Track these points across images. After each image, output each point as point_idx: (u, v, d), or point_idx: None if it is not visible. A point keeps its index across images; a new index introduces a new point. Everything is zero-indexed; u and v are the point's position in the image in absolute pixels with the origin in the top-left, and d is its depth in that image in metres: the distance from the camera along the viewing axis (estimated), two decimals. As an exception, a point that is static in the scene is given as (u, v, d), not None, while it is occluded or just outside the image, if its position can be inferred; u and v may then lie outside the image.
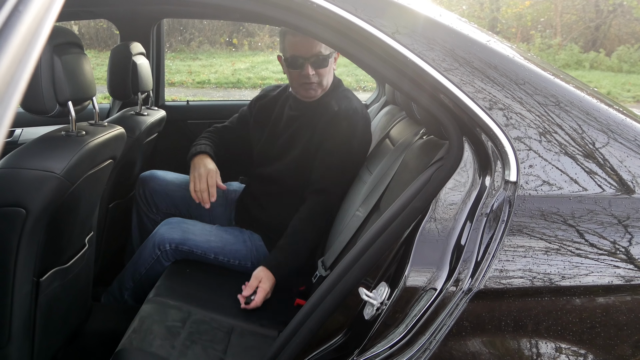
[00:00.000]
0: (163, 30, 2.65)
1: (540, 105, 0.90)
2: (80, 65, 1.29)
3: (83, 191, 1.34)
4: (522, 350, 0.83)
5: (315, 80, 1.77)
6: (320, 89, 1.81)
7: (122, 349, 1.26)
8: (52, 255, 1.33)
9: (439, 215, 0.90)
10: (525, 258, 0.83)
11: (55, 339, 1.47)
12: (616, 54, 11.12)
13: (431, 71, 0.91)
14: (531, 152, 0.88)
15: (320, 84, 1.79)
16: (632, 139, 0.90)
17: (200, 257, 1.75)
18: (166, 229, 1.77)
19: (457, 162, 0.94)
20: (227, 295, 1.61)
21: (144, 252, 1.78)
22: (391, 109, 2.12)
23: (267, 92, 2.07)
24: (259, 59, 10.66)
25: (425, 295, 0.85)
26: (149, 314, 1.40)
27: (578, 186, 0.87)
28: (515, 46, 1.15)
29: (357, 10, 0.92)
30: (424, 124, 1.35)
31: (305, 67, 1.74)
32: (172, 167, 2.47)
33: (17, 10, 0.47)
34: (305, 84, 1.78)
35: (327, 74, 1.79)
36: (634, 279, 0.83)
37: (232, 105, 2.94)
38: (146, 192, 2.05)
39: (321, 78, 1.78)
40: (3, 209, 1.16)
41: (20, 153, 1.20)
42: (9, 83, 0.45)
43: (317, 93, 1.81)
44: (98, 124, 1.43)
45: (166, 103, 2.74)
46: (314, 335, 1.01)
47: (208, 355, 1.30)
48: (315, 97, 1.82)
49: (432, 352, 0.82)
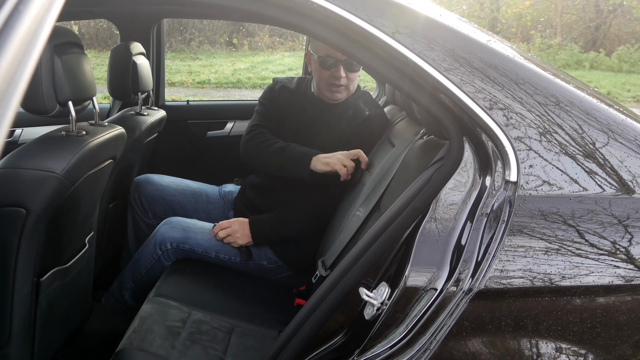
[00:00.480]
0: (163, 30, 2.65)
1: (540, 105, 0.90)
2: (80, 65, 1.29)
3: (83, 191, 1.34)
4: (523, 351, 0.83)
5: (344, 83, 1.79)
6: (346, 92, 1.84)
7: (122, 349, 1.26)
8: (53, 255, 1.33)
9: (439, 215, 0.90)
10: (526, 258, 0.83)
11: (55, 339, 1.47)
12: (616, 54, 11.12)
13: (431, 71, 0.91)
14: (531, 152, 0.88)
15: (347, 87, 1.82)
16: (632, 139, 0.90)
17: (202, 255, 1.75)
18: (167, 228, 1.77)
19: (457, 162, 0.94)
20: (227, 296, 1.61)
21: (145, 252, 1.78)
22: (391, 109, 2.12)
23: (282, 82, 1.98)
24: (259, 59, 10.66)
25: (425, 295, 0.85)
26: (149, 314, 1.40)
27: (578, 186, 0.87)
28: (515, 46, 1.15)
29: (357, 10, 0.92)
30: (424, 124, 1.35)
31: (337, 68, 1.76)
32: (172, 167, 2.48)
33: (17, 10, 0.47)
34: (333, 85, 1.80)
35: (355, 79, 1.82)
36: (634, 279, 0.83)
37: (232, 105, 2.95)
38: (141, 197, 2.04)
39: (349, 82, 1.81)
40: (3, 209, 1.16)
41: (20, 153, 1.20)
42: (9, 83, 0.45)
43: (342, 96, 1.84)
44: (98, 124, 1.43)
45: (166, 103, 2.74)
46: (314, 335, 1.01)
47: (208, 355, 1.30)
48: (340, 100, 1.85)
49: (432, 352, 0.82)
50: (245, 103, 2.94)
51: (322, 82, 1.81)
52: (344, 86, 1.80)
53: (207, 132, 2.75)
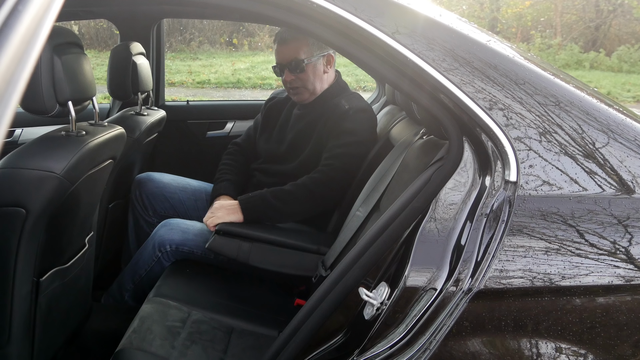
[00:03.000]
0: (163, 30, 2.65)
1: (540, 105, 0.90)
2: (80, 65, 1.29)
3: (83, 191, 1.34)
4: (522, 350, 0.83)
5: (297, 85, 1.82)
6: (307, 92, 1.84)
7: (122, 349, 1.26)
8: (52, 255, 1.33)
9: (439, 215, 0.90)
10: (525, 258, 0.83)
11: (55, 339, 1.47)
12: (616, 54, 11.11)
13: (431, 71, 0.91)
14: (531, 152, 0.88)
15: (305, 87, 1.83)
16: (632, 139, 0.90)
17: (201, 257, 1.75)
18: (166, 230, 1.77)
19: (457, 162, 0.94)
20: (227, 296, 1.61)
21: (144, 254, 1.78)
22: (391, 109, 2.12)
23: (276, 94, 2.10)
24: (259, 59, 10.65)
25: (425, 295, 0.85)
26: (148, 314, 1.40)
27: (578, 186, 0.87)
28: (515, 46, 1.15)
29: (357, 10, 0.92)
30: (424, 124, 1.35)
31: (284, 72, 1.81)
32: (172, 167, 2.48)
33: (16, 10, 0.47)
34: (289, 88, 1.86)
35: (309, 78, 1.82)
36: (634, 279, 0.83)
37: (232, 106, 2.95)
38: (142, 195, 2.05)
39: (304, 82, 1.82)
40: (3, 209, 1.16)
41: (20, 153, 1.20)
42: (9, 83, 0.45)
43: (305, 97, 1.85)
44: (98, 124, 1.43)
45: (166, 103, 2.74)
46: (314, 335, 1.01)
47: (208, 355, 1.30)
48: (306, 100, 1.86)
49: (432, 352, 0.82)
50: (245, 103, 2.94)
51: (285, 88, 1.91)
52: (299, 87, 1.83)
53: (207, 132, 2.75)
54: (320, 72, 1.83)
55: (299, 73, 1.80)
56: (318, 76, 1.83)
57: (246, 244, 1.59)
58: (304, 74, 1.80)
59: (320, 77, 1.84)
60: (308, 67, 1.79)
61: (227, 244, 1.59)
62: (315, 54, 1.79)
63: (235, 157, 2.01)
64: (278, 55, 1.82)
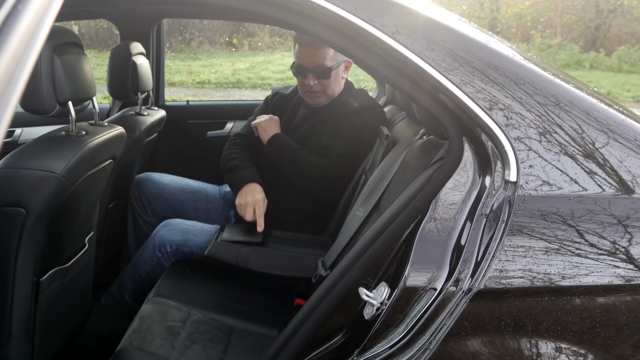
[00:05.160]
0: (163, 30, 2.65)
1: (540, 105, 0.90)
2: (80, 65, 1.29)
3: (83, 191, 1.34)
4: (522, 350, 0.83)
5: (317, 90, 1.82)
6: (324, 97, 1.85)
7: (122, 349, 1.26)
8: (52, 255, 1.33)
9: (439, 215, 0.90)
10: (525, 258, 0.83)
11: (55, 339, 1.47)
12: (616, 54, 11.11)
13: (431, 71, 0.91)
14: (531, 152, 0.88)
15: (324, 92, 1.83)
16: (632, 139, 0.90)
17: (202, 257, 1.75)
18: (166, 230, 1.77)
19: (457, 162, 0.94)
20: (227, 296, 1.61)
21: (144, 254, 1.78)
22: (391, 109, 2.12)
23: (279, 89, 2.07)
24: (259, 59, 10.65)
25: (425, 295, 0.85)
26: (149, 314, 1.40)
27: (578, 186, 0.87)
28: (515, 46, 1.15)
29: (357, 10, 0.92)
30: (424, 124, 1.35)
31: (307, 76, 1.79)
32: (172, 166, 2.48)
33: (16, 10, 0.47)
34: (308, 92, 1.84)
35: (331, 85, 1.83)
36: (634, 279, 0.83)
37: (232, 106, 2.95)
38: (142, 195, 2.05)
39: (324, 88, 1.82)
40: (3, 209, 1.16)
41: (20, 153, 1.20)
42: (9, 83, 0.45)
43: (321, 101, 1.86)
44: (98, 124, 1.43)
45: (166, 103, 2.74)
46: (314, 335, 1.01)
47: (208, 355, 1.30)
48: (320, 104, 1.87)
49: (432, 352, 0.82)
50: (245, 103, 2.94)
51: (300, 89, 1.88)
52: (319, 92, 1.82)
53: (207, 132, 2.75)
54: (339, 78, 1.86)
55: (325, 79, 1.80)
56: (338, 82, 1.86)
57: (245, 249, 1.59)
58: (327, 80, 1.80)
59: (339, 83, 1.87)
60: (332, 74, 1.80)
61: (226, 250, 1.60)
62: (339, 61, 1.80)
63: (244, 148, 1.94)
64: (304, 58, 1.78)
